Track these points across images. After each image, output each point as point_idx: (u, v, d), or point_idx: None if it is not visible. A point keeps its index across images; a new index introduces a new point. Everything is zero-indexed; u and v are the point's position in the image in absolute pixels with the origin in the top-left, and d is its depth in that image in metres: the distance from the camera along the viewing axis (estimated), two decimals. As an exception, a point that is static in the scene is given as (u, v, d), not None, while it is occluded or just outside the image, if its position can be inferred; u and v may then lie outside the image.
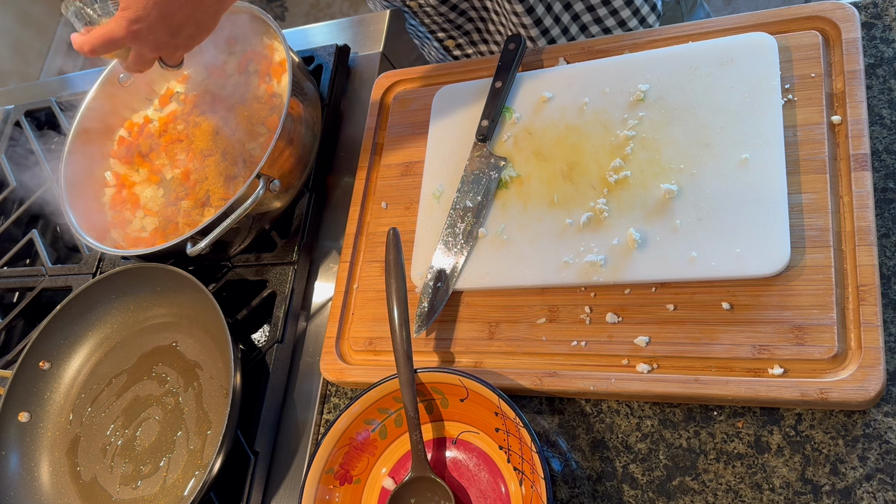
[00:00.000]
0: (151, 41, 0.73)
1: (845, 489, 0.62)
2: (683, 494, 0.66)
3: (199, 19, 0.74)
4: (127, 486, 0.84)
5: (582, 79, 0.81)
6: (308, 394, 0.85)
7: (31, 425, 0.91)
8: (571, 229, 0.75)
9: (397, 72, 0.96)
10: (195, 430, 0.84)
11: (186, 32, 0.75)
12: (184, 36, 0.75)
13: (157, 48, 0.75)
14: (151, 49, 0.75)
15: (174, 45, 0.75)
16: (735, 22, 0.78)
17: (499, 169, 0.81)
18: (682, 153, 0.73)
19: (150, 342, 0.92)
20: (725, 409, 0.67)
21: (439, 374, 0.71)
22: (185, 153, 0.95)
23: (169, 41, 0.74)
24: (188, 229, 0.86)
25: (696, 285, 0.69)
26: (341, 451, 0.74)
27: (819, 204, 0.67)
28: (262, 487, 0.81)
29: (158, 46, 0.75)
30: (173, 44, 0.75)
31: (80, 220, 0.94)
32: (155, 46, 0.75)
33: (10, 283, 1.07)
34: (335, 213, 0.94)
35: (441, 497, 0.70)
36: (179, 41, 0.75)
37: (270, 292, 0.89)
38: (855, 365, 0.61)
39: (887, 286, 0.66)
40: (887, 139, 0.71)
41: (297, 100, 0.88)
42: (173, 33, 0.74)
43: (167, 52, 0.77)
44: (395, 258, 0.76)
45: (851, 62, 0.71)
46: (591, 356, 0.71)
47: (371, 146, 0.92)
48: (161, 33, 0.73)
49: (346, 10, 2.72)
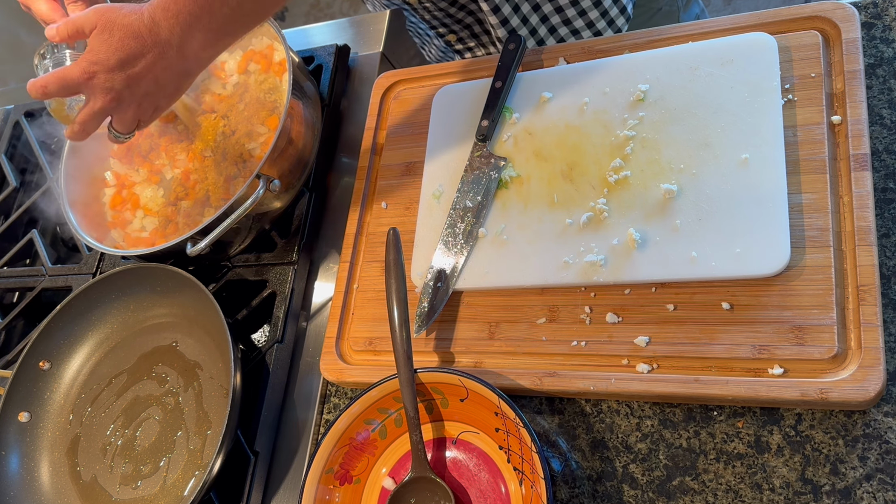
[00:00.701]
0: (106, 89, 0.71)
1: (845, 489, 0.62)
2: (683, 494, 0.66)
3: (158, 76, 0.72)
4: (127, 486, 0.84)
5: (582, 79, 0.81)
6: (308, 394, 0.85)
7: (31, 425, 0.91)
8: (571, 229, 0.75)
9: (397, 72, 0.96)
10: (195, 430, 0.84)
11: (143, 88, 0.72)
12: (140, 92, 0.72)
13: (109, 100, 0.72)
14: (103, 99, 0.71)
15: (128, 99, 0.72)
16: (735, 22, 0.78)
17: (499, 169, 0.81)
18: (682, 153, 0.73)
19: (150, 342, 0.92)
20: (725, 409, 0.67)
21: (439, 374, 0.71)
22: (185, 153, 0.95)
23: (123, 91, 0.71)
24: (188, 229, 0.86)
25: (696, 285, 0.69)
26: (341, 451, 0.74)
27: (819, 204, 0.67)
28: (262, 487, 0.81)
29: (113, 98, 0.71)
30: (127, 97, 0.72)
31: (80, 220, 0.94)
32: (108, 97, 0.71)
33: (10, 283, 1.07)
34: (335, 213, 0.94)
35: (441, 497, 0.70)
36: (135, 96, 0.72)
37: (270, 292, 0.89)
38: (855, 365, 0.62)
39: (887, 286, 0.66)
40: (887, 139, 0.71)
41: (297, 100, 0.88)
42: (130, 83, 0.71)
43: (120, 110, 0.74)
44: (395, 258, 0.76)
45: (851, 62, 0.71)
46: (591, 356, 0.71)
47: (371, 146, 0.92)
48: (118, 82, 0.70)
49: (346, 10, 2.72)
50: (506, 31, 0.98)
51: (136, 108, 0.74)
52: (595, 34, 1.00)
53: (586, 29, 1.00)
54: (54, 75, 0.71)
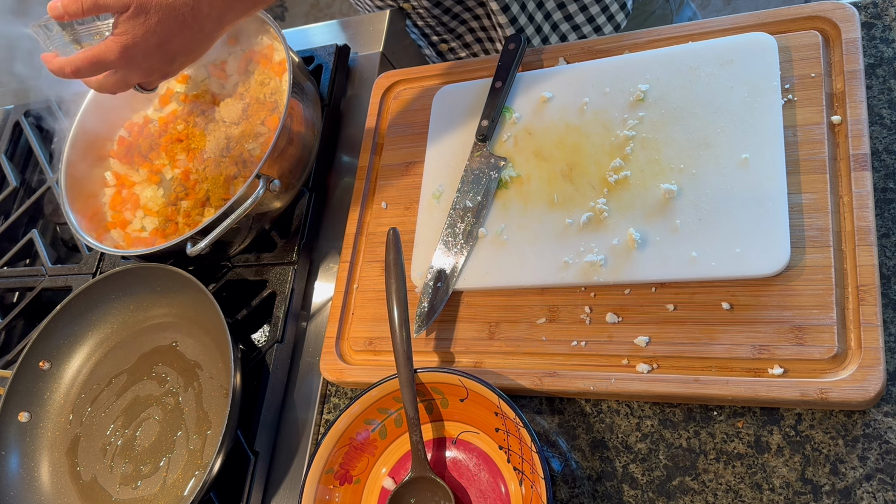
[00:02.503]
0: (144, 67, 0.71)
1: (845, 489, 0.62)
2: (683, 494, 0.66)
3: (193, 47, 0.73)
4: (127, 486, 0.84)
5: (582, 79, 0.81)
6: (308, 394, 0.85)
7: (31, 425, 0.91)
8: (571, 229, 0.75)
9: (397, 72, 0.96)
10: (195, 430, 0.84)
11: (179, 60, 0.73)
12: (176, 64, 0.73)
13: (146, 74, 0.73)
14: (140, 75, 0.73)
15: (164, 71, 0.74)
16: (735, 22, 0.78)
17: (499, 169, 0.81)
18: (682, 153, 0.73)
19: (150, 342, 0.92)
20: (725, 409, 0.67)
21: (439, 374, 0.71)
22: (185, 153, 0.95)
23: (161, 67, 0.73)
24: (188, 229, 0.86)
25: (696, 285, 0.69)
26: (341, 451, 0.74)
27: (819, 204, 0.67)
28: (262, 487, 0.81)
29: (149, 72, 0.73)
30: (163, 70, 0.73)
31: (80, 220, 0.94)
32: (145, 72, 0.72)
33: (10, 283, 1.07)
34: (335, 213, 0.94)
35: (441, 497, 0.70)
36: (171, 68, 0.74)
37: (270, 292, 0.89)
38: (855, 365, 0.62)
39: (887, 286, 0.66)
40: (887, 139, 0.71)
41: (297, 100, 0.88)
42: (168, 60, 0.72)
43: (154, 79, 0.75)
44: (395, 258, 0.76)
45: (851, 62, 0.71)
46: (591, 356, 0.71)
47: (371, 146, 0.92)
48: (155, 60, 0.71)
49: (346, 10, 2.72)
50: (514, 28, 0.99)
51: (170, 76, 0.76)
52: (595, 29, 1.01)
53: (587, 24, 1.01)
54: (87, 59, 0.70)
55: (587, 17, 1.00)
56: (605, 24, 1.01)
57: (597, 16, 1.00)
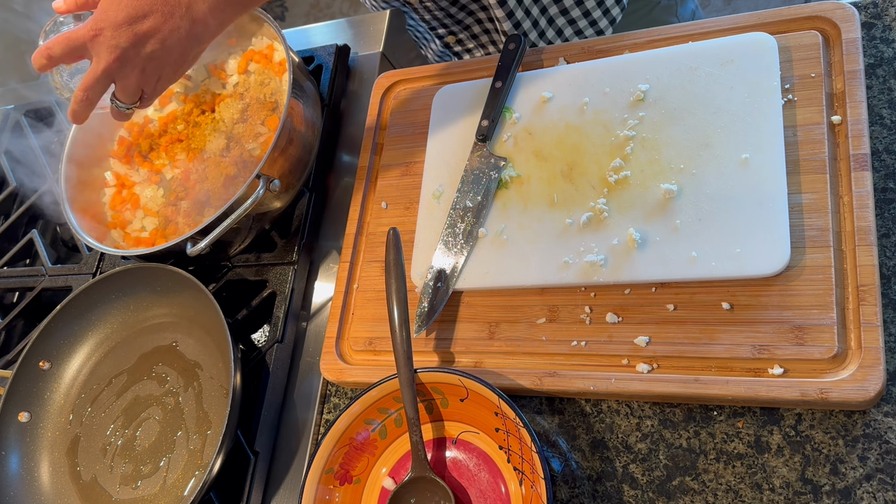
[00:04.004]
0: (111, 46, 0.71)
1: (845, 489, 0.62)
2: (683, 494, 0.66)
3: (165, 38, 0.72)
4: (127, 486, 0.84)
5: (582, 79, 0.81)
6: (308, 394, 0.85)
7: (31, 425, 0.91)
8: (571, 229, 0.75)
9: (397, 72, 0.96)
10: (195, 430, 0.84)
11: (149, 49, 0.72)
12: (145, 53, 0.72)
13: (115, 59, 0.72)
14: (108, 59, 0.72)
15: (133, 60, 0.73)
16: (735, 22, 0.78)
17: (499, 169, 0.81)
18: (682, 153, 0.73)
19: (150, 342, 0.92)
20: (725, 409, 0.67)
21: (439, 374, 0.71)
22: (185, 153, 0.95)
23: (128, 50, 0.72)
24: (188, 229, 0.86)
25: (696, 285, 0.69)
26: (341, 451, 0.74)
27: (819, 204, 0.67)
28: (262, 487, 0.81)
29: (118, 57, 0.72)
30: (132, 57, 0.72)
31: (80, 220, 0.94)
32: (113, 55, 0.72)
33: (10, 283, 1.07)
34: (335, 213, 0.94)
35: (441, 497, 0.70)
36: (139, 58, 0.73)
37: (270, 292, 0.89)
38: (855, 365, 0.62)
39: (887, 286, 0.66)
40: (887, 139, 0.71)
41: (297, 100, 0.88)
42: (136, 41, 0.71)
43: (124, 73, 0.74)
44: (395, 258, 0.76)
45: (851, 62, 0.71)
46: (591, 356, 0.71)
47: (371, 146, 0.92)
48: (123, 37, 0.71)
49: (346, 10, 2.72)
50: (511, 23, 0.99)
51: (139, 72, 0.74)
52: (591, 23, 1.01)
53: (582, 18, 1.02)
54: (60, 37, 0.72)
55: (583, 11, 1.00)
56: (601, 18, 1.02)
57: (592, 10, 1.00)
